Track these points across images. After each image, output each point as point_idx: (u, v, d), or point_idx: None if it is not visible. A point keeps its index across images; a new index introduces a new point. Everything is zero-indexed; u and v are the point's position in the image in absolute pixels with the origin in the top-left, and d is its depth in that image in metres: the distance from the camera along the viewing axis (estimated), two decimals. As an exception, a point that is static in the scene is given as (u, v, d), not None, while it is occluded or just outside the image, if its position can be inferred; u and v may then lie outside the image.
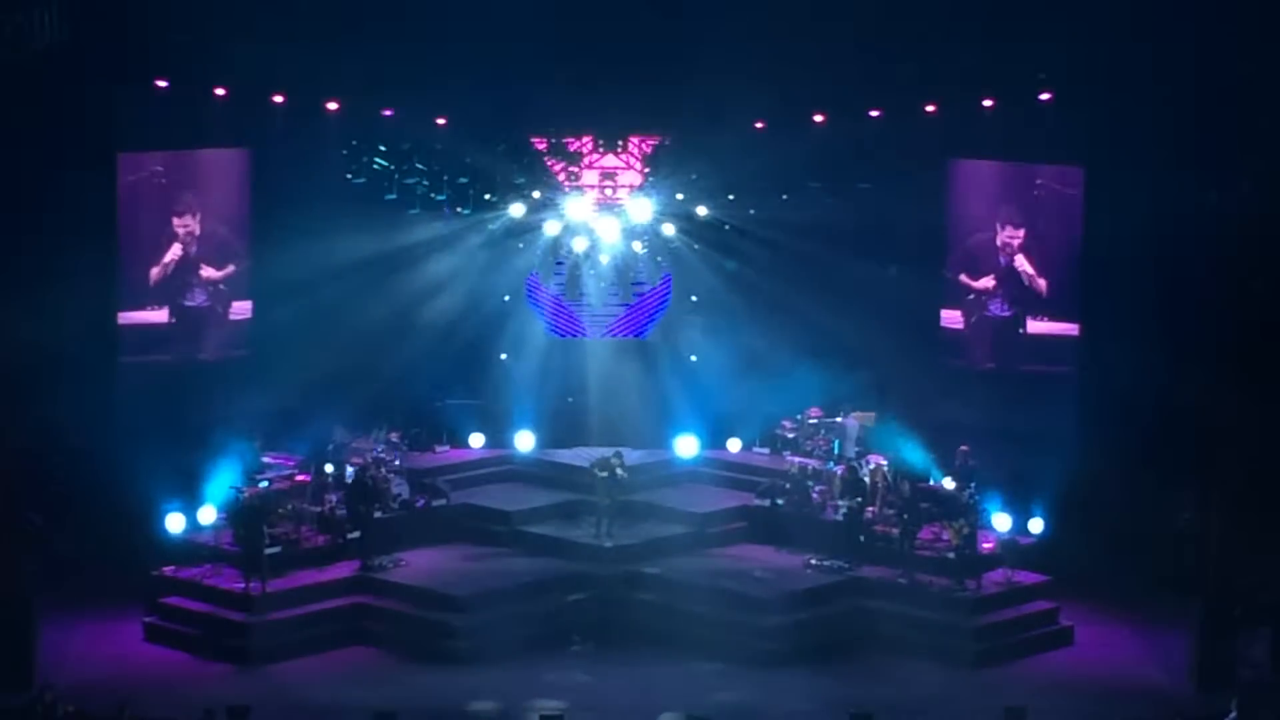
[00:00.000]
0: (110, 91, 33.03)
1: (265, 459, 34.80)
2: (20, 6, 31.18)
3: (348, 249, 35.93)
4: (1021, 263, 36.91)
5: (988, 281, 37.28)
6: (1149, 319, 33.35)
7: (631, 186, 37.23)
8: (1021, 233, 36.81)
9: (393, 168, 36.71)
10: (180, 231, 36.10)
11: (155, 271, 35.89)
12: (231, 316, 36.73)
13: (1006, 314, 37.17)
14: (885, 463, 35.19)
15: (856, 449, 36.54)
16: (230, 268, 36.67)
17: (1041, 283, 36.77)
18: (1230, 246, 31.66)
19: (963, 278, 37.50)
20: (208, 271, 36.41)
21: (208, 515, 33.48)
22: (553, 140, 36.80)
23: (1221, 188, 31.53)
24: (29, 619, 29.86)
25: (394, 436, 36.70)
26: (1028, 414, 35.94)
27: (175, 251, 36.12)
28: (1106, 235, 34.63)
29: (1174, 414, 32.60)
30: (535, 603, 32.73)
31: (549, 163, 36.97)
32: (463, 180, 36.69)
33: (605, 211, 37.22)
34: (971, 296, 37.47)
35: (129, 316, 35.56)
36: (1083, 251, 35.90)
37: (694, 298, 38.54)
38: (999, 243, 37.08)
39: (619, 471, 34.74)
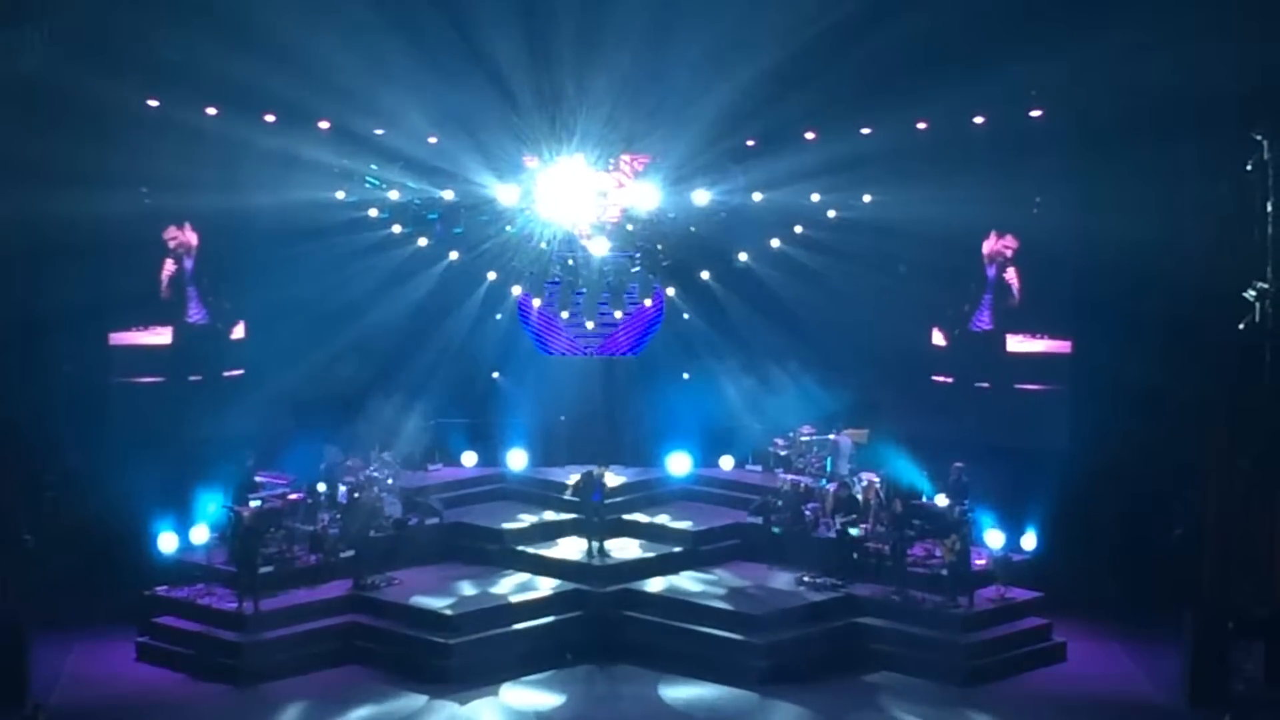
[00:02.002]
0: (101, 110, 33.00)
1: (258, 478, 34.74)
2: (9, 24, 31.21)
3: (340, 268, 36.07)
4: (1011, 275, 36.91)
5: (986, 294, 37.26)
6: (1141, 336, 33.33)
7: (623, 205, 37.18)
8: (1014, 242, 36.82)
9: (384, 186, 36.78)
10: (172, 244, 36.13)
11: (138, 283, 35.82)
12: (216, 335, 36.75)
13: (988, 327, 37.19)
14: (878, 480, 35.19)
15: (849, 466, 36.55)
16: (214, 283, 36.73)
17: (1016, 299, 36.80)
18: (1224, 262, 31.76)
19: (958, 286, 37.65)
20: (194, 286, 36.42)
21: (200, 535, 33.50)
22: (544, 158, 36.76)
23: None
24: (22, 638, 29.80)
25: (387, 455, 36.65)
26: (1020, 431, 35.94)
27: (170, 267, 36.13)
28: (1099, 252, 34.62)
29: (1166, 430, 32.66)
30: (527, 621, 32.69)
31: (541, 181, 36.92)
32: (453, 199, 36.75)
33: (598, 230, 37.14)
34: (951, 312, 37.54)
35: (123, 337, 35.56)
36: (1075, 268, 35.89)
37: (685, 315, 38.53)
38: (988, 251, 37.10)
39: (605, 487, 34.75)
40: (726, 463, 38.80)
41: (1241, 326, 31.09)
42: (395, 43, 34.32)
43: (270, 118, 35.37)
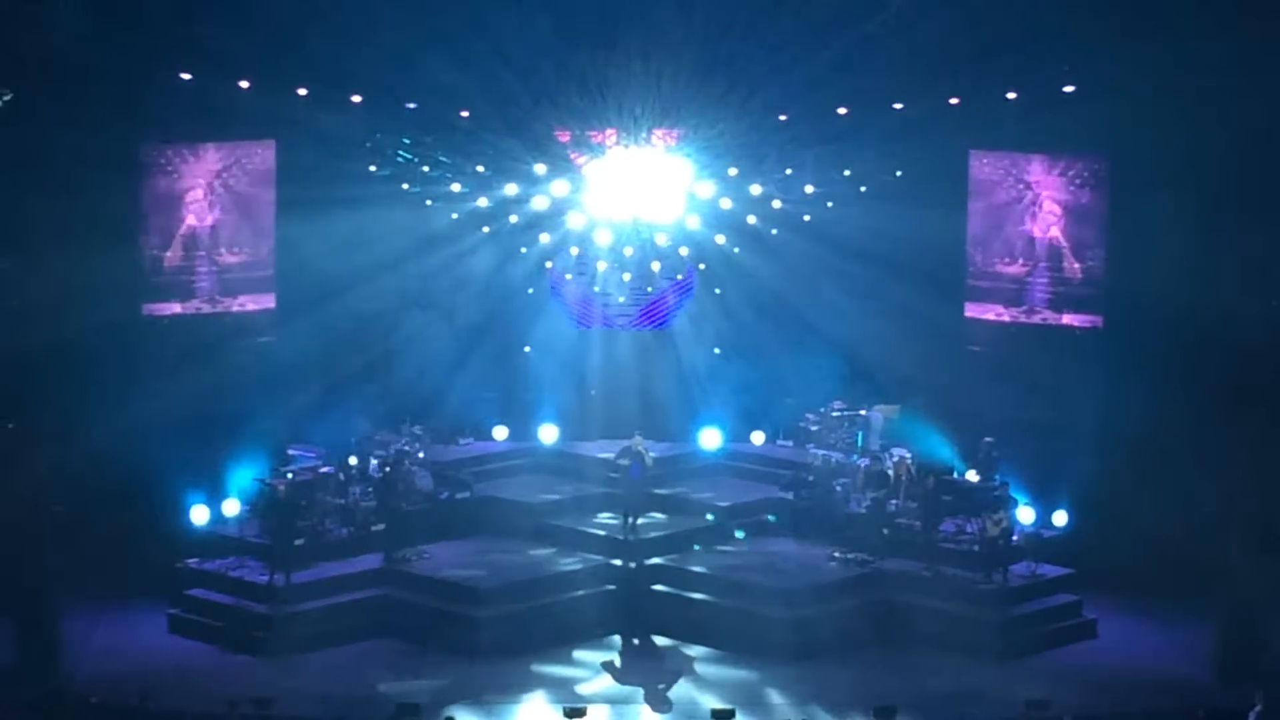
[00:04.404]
0: (133, 84, 33.01)
1: (290, 451, 34.81)
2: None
3: (371, 242, 36.03)
4: (1059, 239, 36.67)
5: (1012, 255, 37.12)
6: (1174, 312, 33.22)
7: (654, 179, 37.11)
8: (1060, 209, 36.65)
9: (416, 160, 36.78)
10: (204, 215, 36.03)
11: (170, 255, 35.81)
12: (246, 308, 36.64)
13: (1030, 302, 36.99)
14: (909, 455, 35.14)
15: (880, 441, 36.54)
16: (245, 255, 36.66)
17: (1076, 265, 36.55)
18: (1257, 236, 31.73)
19: (990, 259, 37.43)
20: (231, 244, 36.35)
21: (232, 508, 33.61)
22: (576, 132, 36.75)
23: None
24: (54, 611, 29.97)
25: (417, 429, 36.68)
26: (1051, 406, 35.79)
27: (201, 238, 36.00)
28: (1131, 227, 34.58)
29: (1197, 405, 32.57)
30: (558, 595, 32.73)
31: (572, 155, 36.89)
32: (484, 173, 36.72)
33: (629, 203, 37.10)
34: (1014, 287, 37.35)
35: (155, 308, 35.54)
36: (1108, 243, 35.78)
37: (717, 290, 38.46)
38: (1036, 222, 36.86)
39: (647, 461, 34.61)
40: (758, 438, 38.79)
41: (1276, 302, 31.05)
42: (427, 15, 34.32)
43: (303, 91, 35.37)
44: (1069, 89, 34.94)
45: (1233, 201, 32.12)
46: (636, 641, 32.11)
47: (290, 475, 33.67)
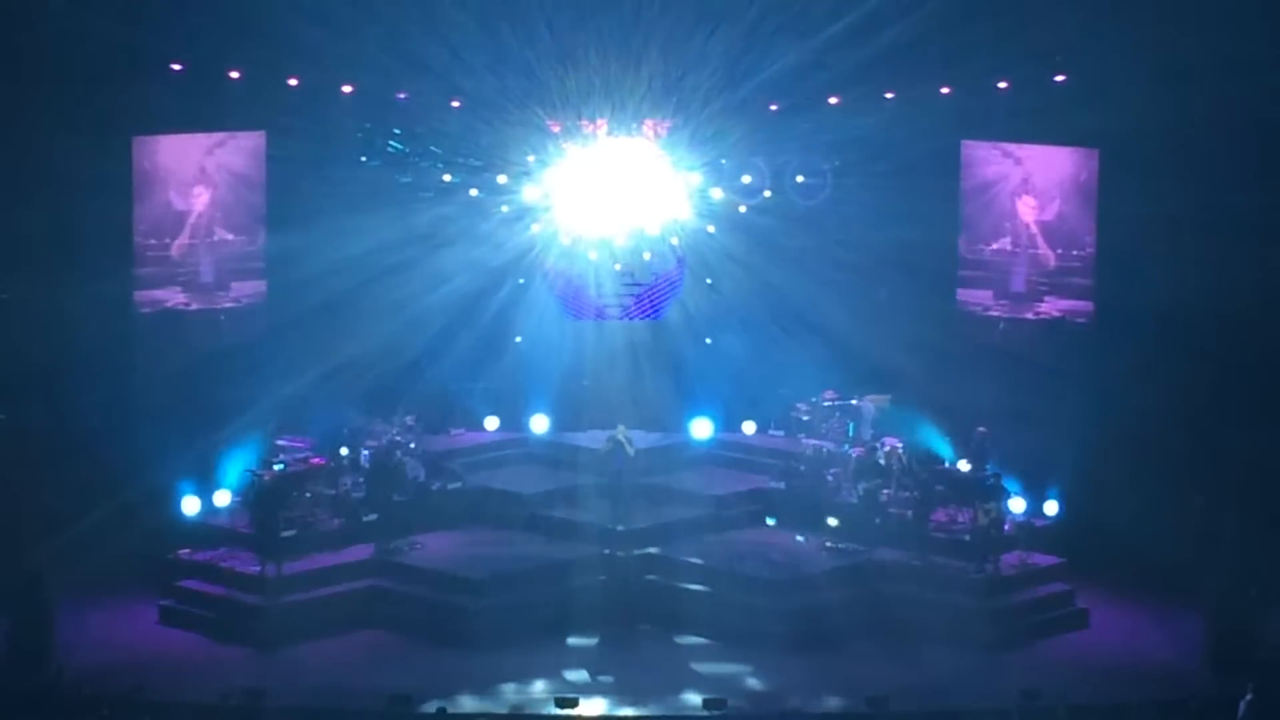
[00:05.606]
0: (123, 75, 32.97)
1: (280, 442, 34.78)
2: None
3: (362, 232, 35.96)
4: (1035, 230, 36.73)
5: (1004, 243, 37.17)
6: (1166, 298, 33.26)
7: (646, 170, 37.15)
8: (1036, 202, 36.69)
9: (407, 150, 36.76)
10: (194, 204, 35.96)
11: (160, 244, 35.70)
12: (237, 298, 36.60)
13: (1022, 289, 37.04)
14: (901, 445, 35.14)
15: (872, 431, 36.55)
16: (237, 245, 36.61)
17: (1049, 254, 36.62)
18: (1248, 226, 31.73)
19: (981, 247, 37.45)
20: (221, 234, 36.31)
21: (223, 498, 33.57)
22: (567, 123, 36.73)
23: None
24: (46, 601, 29.92)
25: (409, 419, 36.64)
26: (1043, 395, 35.79)
27: (192, 226, 35.94)
28: (1122, 216, 34.60)
29: (1188, 394, 32.61)
30: (550, 586, 32.68)
31: (563, 145, 36.92)
32: (476, 163, 36.71)
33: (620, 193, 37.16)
34: (1002, 276, 37.38)
35: (147, 296, 35.49)
36: (1099, 233, 35.80)
37: (709, 280, 38.43)
38: (1025, 211, 36.91)
39: (629, 451, 34.63)
40: (749, 427, 38.74)
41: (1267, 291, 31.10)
42: (418, 5, 34.34)
43: (294, 82, 35.37)
44: (1060, 78, 34.97)
45: (1224, 191, 32.10)
46: (628, 631, 32.06)
47: (281, 466, 33.65)
